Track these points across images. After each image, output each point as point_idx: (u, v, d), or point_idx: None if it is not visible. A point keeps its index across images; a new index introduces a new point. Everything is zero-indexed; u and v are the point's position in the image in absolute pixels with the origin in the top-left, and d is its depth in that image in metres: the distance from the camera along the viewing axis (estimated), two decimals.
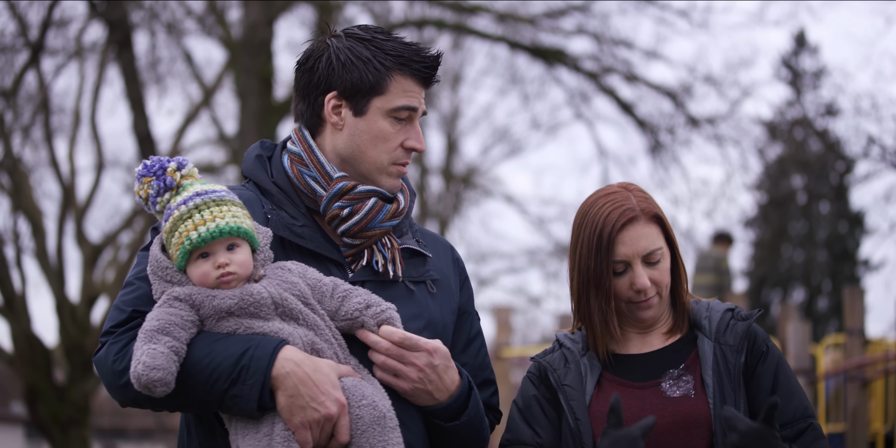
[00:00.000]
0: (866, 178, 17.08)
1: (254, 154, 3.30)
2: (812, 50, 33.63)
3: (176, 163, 3.05)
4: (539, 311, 25.10)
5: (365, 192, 3.17)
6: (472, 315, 3.44)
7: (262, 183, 3.23)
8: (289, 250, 3.13)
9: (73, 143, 19.35)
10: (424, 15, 17.09)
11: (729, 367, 3.19)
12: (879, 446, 10.26)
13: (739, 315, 3.28)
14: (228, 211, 2.97)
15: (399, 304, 3.16)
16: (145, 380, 2.76)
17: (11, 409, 38.83)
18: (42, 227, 17.90)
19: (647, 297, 3.24)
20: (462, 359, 3.34)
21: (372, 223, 3.16)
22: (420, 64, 3.19)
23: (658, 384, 3.21)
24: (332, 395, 2.87)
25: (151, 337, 2.84)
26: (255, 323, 2.93)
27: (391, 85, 3.17)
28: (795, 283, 33.01)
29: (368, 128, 3.18)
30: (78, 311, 18.61)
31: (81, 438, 16.97)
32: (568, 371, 3.26)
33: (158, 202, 3.03)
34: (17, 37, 15.32)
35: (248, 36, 14.67)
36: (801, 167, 24.55)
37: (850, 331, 10.24)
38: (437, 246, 3.43)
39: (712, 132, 16.69)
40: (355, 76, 3.16)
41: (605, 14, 16.50)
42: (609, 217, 3.23)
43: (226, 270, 2.94)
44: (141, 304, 3.01)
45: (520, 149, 25.00)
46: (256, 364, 2.85)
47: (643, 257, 3.22)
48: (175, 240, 2.95)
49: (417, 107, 3.21)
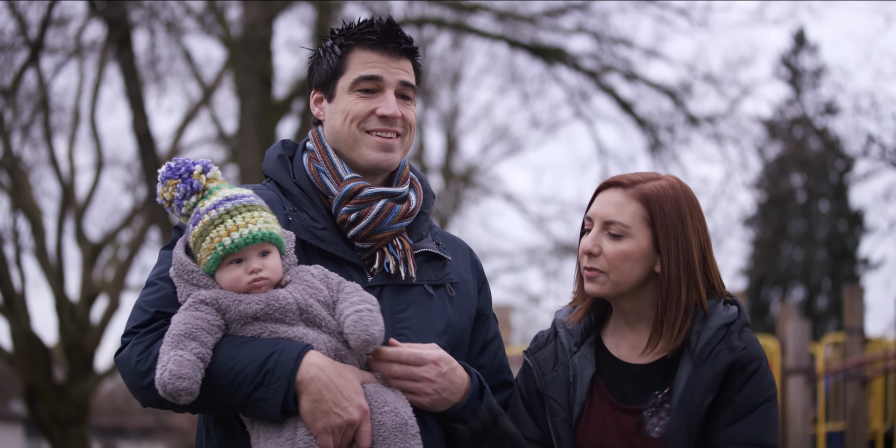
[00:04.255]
0: (866, 177, 17.09)
1: (276, 153, 3.31)
2: (812, 48, 33.65)
3: (201, 165, 3.05)
4: (539, 309, 25.05)
5: (372, 194, 3.16)
6: (489, 318, 3.44)
7: (284, 183, 3.24)
8: (310, 253, 3.13)
9: (72, 141, 19.37)
10: (424, 13, 17.07)
11: (692, 405, 3.00)
12: (879, 445, 10.27)
13: (730, 341, 3.05)
14: (260, 217, 2.97)
15: (418, 307, 3.18)
16: (171, 388, 2.77)
17: (11, 408, 38.84)
18: (41, 226, 17.91)
19: (590, 265, 3.14)
20: (479, 361, 3.35)
21: (381, 226, 3.16)
22: (372, 34, 3.21)
23: (641, 411, 3.10)
24: (354, 401, 2.88)
25: (178, 342, 2.84)
26: (279, 328, 2.94)
27: (350, 62, 3.20)
28: (795, 281, 33.03)
29: (337, 108, 3.22)
30: (77, 309, 18.63)
31: (81, 437, 16.98)
32: (555, 376, 3.19)
33: (185, 205, 3.02)
34: (16, 35, 15.32)
35: (247, 34, 14.66)
36: (800, 166, 24.52)
37: (850, 329, 10.25)
38: (457, 248, 3.42)
39: (712, 131, 16.68)
40: (323, 67, 3.24)
41: (605, 12, 16.50)
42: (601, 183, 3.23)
43: (259, 276, 2.94)
44: (164, 304, 3.01)
45: (519, 147, 24.98)
46: (281, 368, 2.85)
47: (603, 223, 3.14)
48: (206, 245, 2.95)
49: (380, 75, 3.19)
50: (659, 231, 3.11)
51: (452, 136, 24.73)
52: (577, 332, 3.25)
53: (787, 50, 33.36)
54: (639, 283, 3.15)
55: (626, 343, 3.22)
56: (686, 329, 3.10)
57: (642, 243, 3.12)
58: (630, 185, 3.14)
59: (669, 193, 3.14)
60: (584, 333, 3.25)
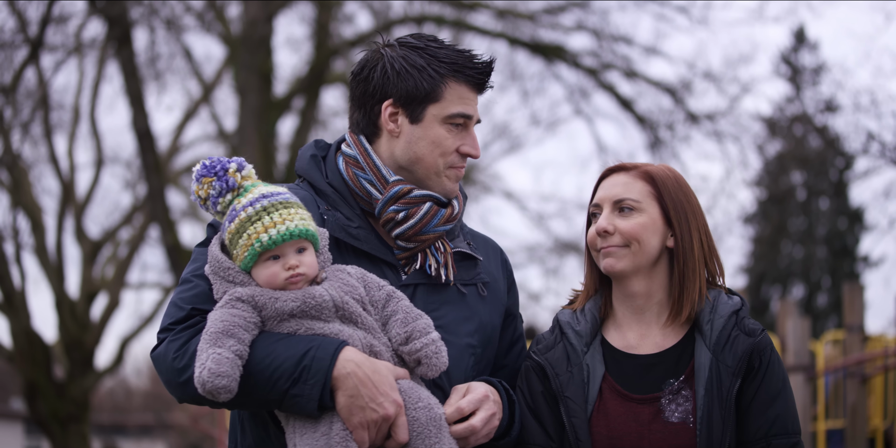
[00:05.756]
0: (866, 175, 17.10)
1: (308, 154, 3.33)
2: (811, 46, 33.63)
3: (236, 164, 3.06)
4: (538, 307, 25.07)
5: (420, 196, 3.21)
6: (517, 317, 3.49)
7: (317, 183, 3.26)
8: (344, 251, 3.16)
9: (72, 139, 19.39)
10: (424, 11, 17.06)
11: (723, 390, 3.12)
12: (879, 442, 10.27)
13: (744, 326, 3.19)
14: (297, 213, 3.00)
15: (451, 307, 3.22)
16: (210, 386, 2.79)
17: (11, 406, 38.85)
18: (41, 224, 17.92)
19: (606, 244, 3.21)
20: (504, 361, 3.41)
21: (427, 227, 3.20)
22: (473, 70, 3.26)
23: (658, 399, 3.16)
24: (390, 397, 2.91)
25: (216, 340, 2.86)
26: (315, 324, 2.96)
27: (446, 92, 3.22)
28: (795, 279, 33.03)
29: (425, 134, 3.22)
30: (77, 307, 18.65)
31: (81, 434, 16.99)
32: (570, 377, 3.21)
33: (220, 203, 3.04)
34: (16, 33, 15.32)
35: (247, 32, 14.66)
36: (800, 163, 24.55)
37: (850, 327, 10.25)
38: (487, 248, 3.47)
39: (712, 128, 16.69)
40: (410, 84, 3.20)
41: (605, 10, 16.50)
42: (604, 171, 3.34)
43: (296, 272, 2.97)
44: (199, 301, 3.04)
45: (519, 145, 24.97)
46: (318, 364, 2.88)
47: (613, 203, 3.24)
48: (243, 241, 2.97)
49: (472, 114, 3.26)
50: (668, 204, 3.24)
51: None
52: (585, 332, 3.28)
53: (786, 47, 33.35)
54: (654, 257, 3.24)
55: (633, 333, 3.26)
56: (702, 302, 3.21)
57: (654, 216, 3.24)
58: (632, 168, 3.29)
59: (669, 175, 3.30)
60: (591, 334, 3.28)
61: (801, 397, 10.14)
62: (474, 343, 3.25)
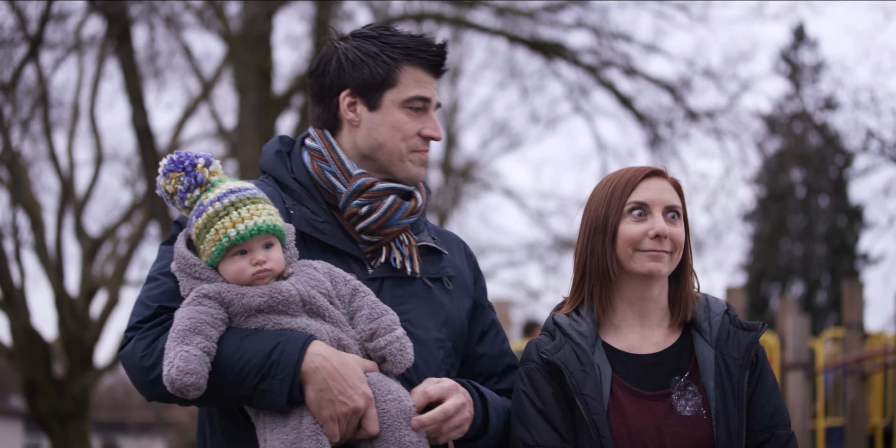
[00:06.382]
0: (865, 172, 17.06)
1: (273, 149, 3.35)
2: (811, 44, 33.64)
3: (204, 159, 3.08)
4: (538, 304, 25.05)
5: (384, 189, 3.23)
6: (486, 308, 3.51)
7: (282, 178, 3.28)
8: (310, 246, 3.18)
9: (71, 136, 19.36)
10: (423, 9, 17.05)
11: (734, 382, 3.20)
12: (878, 440, 10.27)
13: (738, 322, 3.30)
14: (264, 209, 3.01)
15: (418, 300, 3.24)
16: (179, 384, 2.81)
17: (10, 403, 38.85)
18: (41, 221, 17.90)
19: (661, 248, 3.24)
20: (479, 350, 3.43)
21: (390, 221, 3.22)
22: (427, 53, 3.27)
23: (668, 395, 3.21)
24: (359, 389, 2.92)
25: (183, 337, 2.87)
26: (283, 319, 2.97)
27: (402, 77, 3.24)
28: (794, 276, 33.06)
29: (385, 120, 3.24)
30: (77, 304, 18.63)
31: (80, 432, 16.98)
32: (585, 376, 3.20)
33: (188, 198, 3.06)
34: (15, 30, 15.31)
35: (246, 30, 14.64)
36: (800, 161, 24.54)
37: (849, 325, 10.25)
38: (451, 242, 3.50)
39: (711, 126, 16.68)
40: (365, 72, 3.23)
41: (604, 7, 16.48)
42: (635, 170, 3.33)
43: (263, 267, 2.98)
44: (166, 299, 3.04)
45: (519, 142, 24.98)
46: (287, 359, 2.89)
47: (666, 207, 3.28)
48: (211, 236, 2.99)
49: (430, 97, 3.28)
50: (686, 216, 3.36)
51: (452, 131, 24.74)
52: (588, 333, 3.27)
53: (786, 45, 33.36)
54: None
55: (635, 335, 3.29)
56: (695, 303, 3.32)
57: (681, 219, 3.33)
58: (666, 176, 3.35)
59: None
60: (594, 336, 3.28)
61: (800, 395, 10.14)
62: (442, 336, 3.27)
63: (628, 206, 3.27)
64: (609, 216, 3.28)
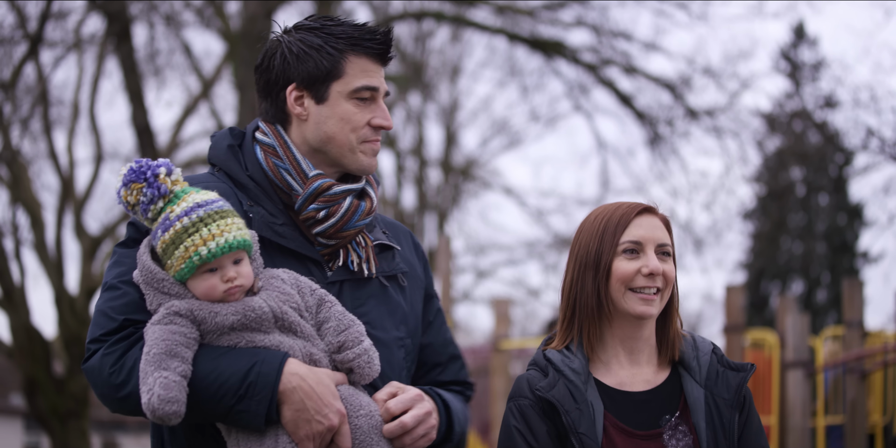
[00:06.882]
0: (865, 170, 17.07)
1: (225, 143, 3.27)
2: (811, 42, 33.62)
3: (165, 168, 2.98)
4: (538, 302, 25.12)
5: (340, 192, 3.17)
6: (433, 297, 3.50)
7: (236, 175, 3.20)
8: (270, 249, 3.12)
9: (71, 134, 19.35)
10: (423, 7, 17.07)
11: (724, 423, 3.17)
12: (878, 438, 10.27)
13: (726, 361, 3.28)
14: (234, 223, 2.94)
15: (376, 301, 3.23)
16: (161, 413, 2.77)
17: (10, 401, 38.85)
18: (41, 220, 17.89)
19: (654, 285, 3.19)
20: (426, 339, 3.42)
21: (348, 224, 3.17)
22: (372, 42, 3.19)
23: (660, 435, 3.16)
24: (333, 407, 2.91)
25: (160, 361, 2.81)
26: (256, 336, 2.93)
27: (347, 67, 3.17)
28: (794, 275, 33.03)
29: (333, 112, 3.18)
30: (77, 303, 18.61)
31: (80, 430, 16.98)
32: (580, 415, 3.15)
33: (151, 210, 2.95)
34: (15, 29, 15.31)
35: (246, 28, 14.65)
36: (800, 159, 24.55)
37: (849, 323, 10.26)
38: (399, 234, 3.47)
39: (711, 124, 16.69)
40: (310, 65, 3.17)
41: (604, 6, 16.49)
42: (627, 207, 3.27)
43: (234, 284, 2.92)
44: (131, 311, 2.97)
45: (519, 141, 25.01)
46: (264, 380, 2.86)
47: (658, 245, 3.23)
48: (180, 253, 2.90)
49: (378, 86, 3.20)
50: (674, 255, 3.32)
51: (452, 129, 24.76)
52: (581, 370, 3.22)
53: (786, 43, 33.33)
54: None
55: (626, 372, 3.25)
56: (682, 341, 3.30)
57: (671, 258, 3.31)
58: (657, 213, 3.30)
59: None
60: (586, 372, 3.23)
61: (800, 393, 10.14)
62: (402, 335, 3.26)
63: (622, 245, 3.21)
64: (602, 253, 3.22)
